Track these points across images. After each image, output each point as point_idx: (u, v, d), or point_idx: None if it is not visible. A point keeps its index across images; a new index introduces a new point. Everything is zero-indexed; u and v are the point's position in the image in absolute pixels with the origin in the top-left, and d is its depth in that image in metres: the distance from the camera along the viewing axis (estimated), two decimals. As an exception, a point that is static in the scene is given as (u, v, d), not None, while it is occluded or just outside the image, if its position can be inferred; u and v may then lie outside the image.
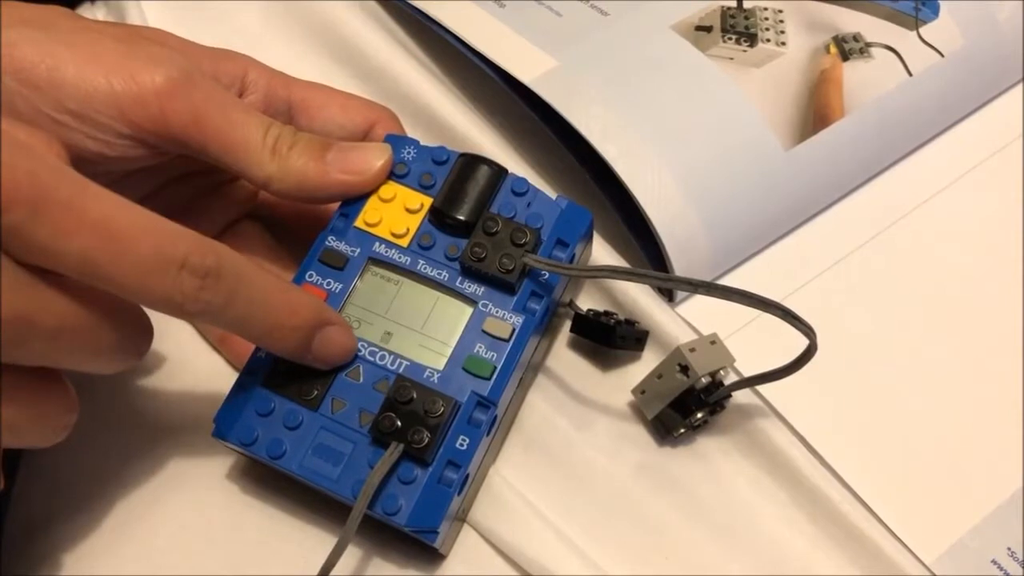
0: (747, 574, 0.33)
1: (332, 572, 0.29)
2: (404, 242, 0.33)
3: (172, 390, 0.36)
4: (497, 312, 0.32)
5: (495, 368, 0.31)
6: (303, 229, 0.36)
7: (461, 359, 0.31)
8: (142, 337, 0.27)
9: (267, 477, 0.33)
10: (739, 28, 0.40)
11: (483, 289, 0.32)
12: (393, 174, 0.34)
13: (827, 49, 0.40)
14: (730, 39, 0.39)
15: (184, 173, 0.35)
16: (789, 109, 0.39)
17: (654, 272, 0.32)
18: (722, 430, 0.35)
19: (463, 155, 0.34)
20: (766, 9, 0.40)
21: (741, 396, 0.35)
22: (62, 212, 0.23)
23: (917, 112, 0.41)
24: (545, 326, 0.34)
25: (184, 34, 0.34)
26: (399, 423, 0.30)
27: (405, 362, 0.31)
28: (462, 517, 0.33)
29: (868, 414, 0.36)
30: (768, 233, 0.39)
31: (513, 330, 0.32)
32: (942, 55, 0.41)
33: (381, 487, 0.30)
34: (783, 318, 0.29)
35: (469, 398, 0.31)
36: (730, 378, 0.34)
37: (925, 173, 0.41)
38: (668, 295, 0.37)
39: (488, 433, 0.31)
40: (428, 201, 0.33)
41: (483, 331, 0.32)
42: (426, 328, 0.32)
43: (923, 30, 0.41)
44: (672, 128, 0.37)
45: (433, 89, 0.41)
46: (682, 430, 0.34)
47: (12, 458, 0.34)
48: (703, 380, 0.33)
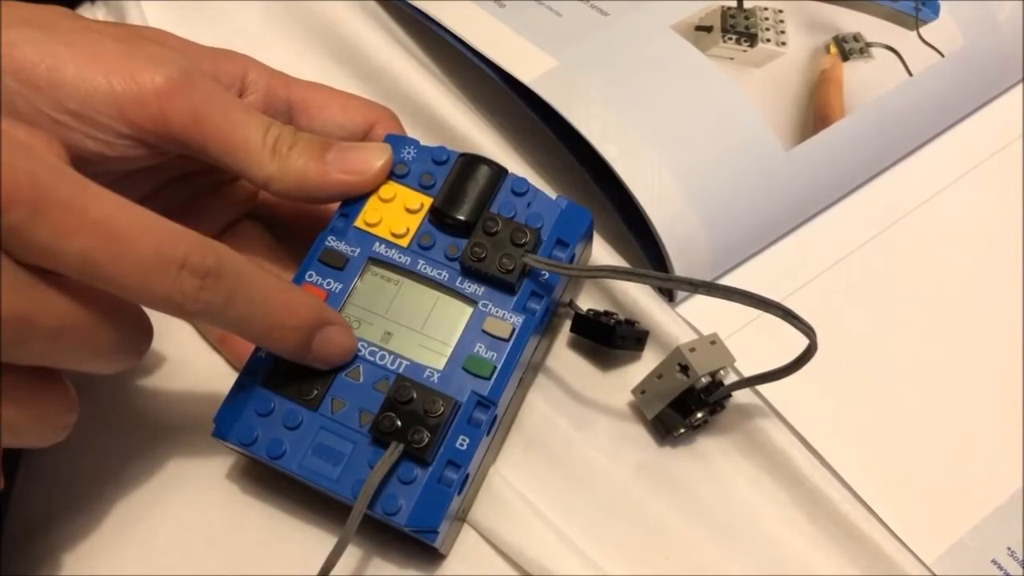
0: (747, 574, 0.33)
1: (332, 572, 0.29)
2: (404, 242, 0.33)
3: (172, 390, 0.36)
4: (497, 312, 0.32)
5: (495, 368, 0.31)
6: (303, 229, 0.36)
7: (461, 359, 0.31)
8: (142, 337, 0.27)
9: (267, 477, 0.33)
10: (739, 28, 0.40)
11: (483, 289, 0.32)
12: (393, 174, 0.34)
13: (827, 49, 0.40)
14: (730, 39, 0.39)
15: (184, 173, 0.35)
16: (789, 109, 0.38)
17: (654, 272, 0.32)
18: (722, 430, 0.35)
19: (463, 155, 0.34)
20: (766, 9, 0.40)
21: (741, 396, 0.35)
22: (62, 212, 0.23)
23: (917, 112, 0.41)
24: (545, 326, 0.34)
25: (184, 34, 0.34)
26: (399, 423, 0.30)
27: (405, 362, 0.31)
28: (462, 517, 0.33)
29: (868, 414, 0.36)
30: (768, 233, 0.39)
31: (513, 330, 0.32)
32: (942, 55, 0.41)
33: (381, 487, 0.30)
34: (783, 318, 0.29)
35: (469, 398, 0.31)
36: (730, 378, 0.34)
37: (925, 173, 0.41)
38: (668, 295, 0.37)
39: (488, 433, 0.31)
40: (428, 201, 0.33)
41: (483, 331, 0.32)
42: (426, 328, 0.32)
43: (923, 30, 0.41)
44: (672, 128, 0.37)
45: (433, 89, 0.41)
46: (682, 430, 0.34)
47: (12, 458, 0.34)
48: (703, 380, 0.33)
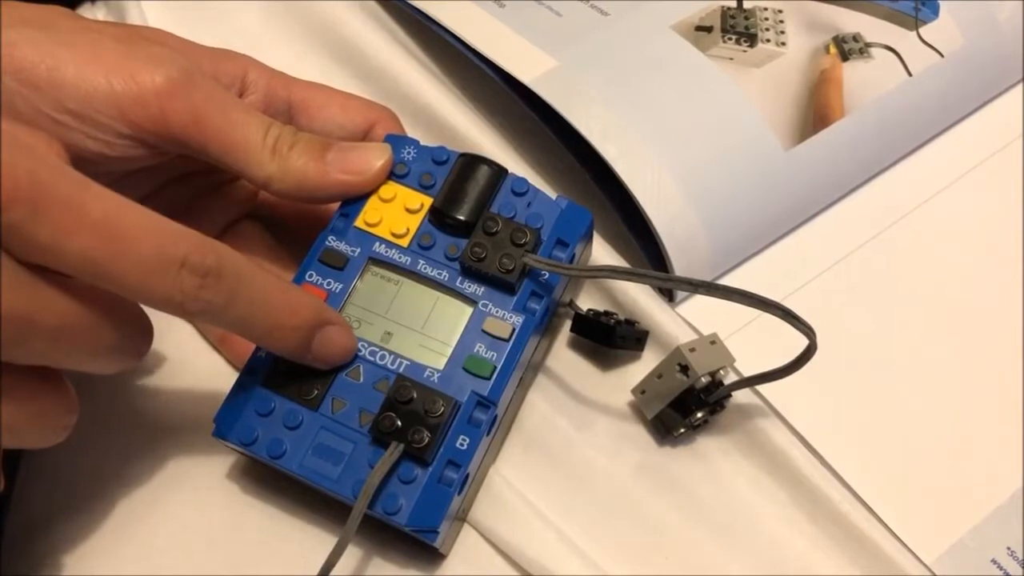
0: (747, 574, 0.33)
1: (332, 572, 0.29)
2: (404, 242, 0.33)
3: (172, 390, 0.36)
4: (497, 312, 0.32)
5: (495, 368, 0.31)
6: (303, 229, 0.36)
7: (461, 359, 0.31)
8: (142, 338, 0.27)
9: (267, 477, 0.33)
10: (739, 28, 0.40)
11: (483, 289, 0.32)
12: (393, 174, 0.34)
13: (827, 49, 0.40)
14: (730, 39, 0.39)
15: (184, 173, 0.35)
16: (789, 109, 0.39)
17: (654, 272, 0.32)
18: (722, 430, 0.35)
19: (463, 155, 0.34)
20: (766, 9, 0.40)
21: (741, 396, 0.35)
22: (62, 211, 0.23)
23: (917, 112, 0.41)
24: (545, 326, 0.34)
25: (184, 34, 0.34)
26: (399, 423, 0.30)
27: (405, 362, 0.31)
28: (462, 517, 0.33)
29: (868, 414, 0.36)
30: (768, 233, 0.39)
31: (513, 330, 0.32)
32: (942, 55, 0.41)
33: (381, 487, 0.30)
34: (783, 318, 0.29)
35: (469, 398, 0.31)
36: (730, 378, 0.34)
37: (925, 173, 0.41)
38: (668, 295, 0.37)
39: (488, 433, 0.31)
40: (428, 201, 0.33)
41: (483, 331, 0.32)
42: (426, 328, 0.32)
43: (923, 30, 0.41)
44: (672, 128, 0.37)
45: (433, 89, 0.41)
46: (682, 430, 0.34)
47: (12, 459, 0.34)
48: (703, 380, 0.33)
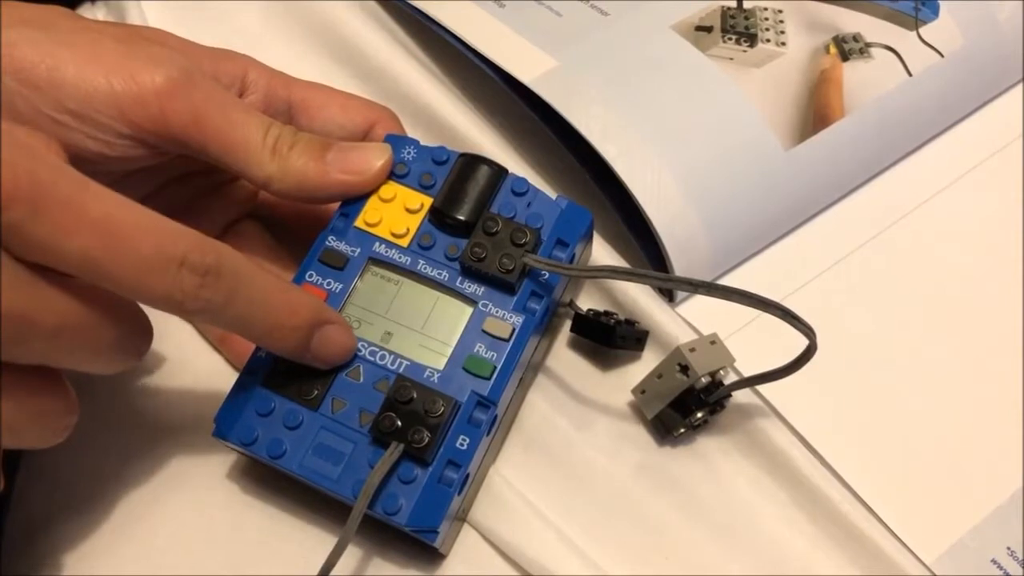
0: (747, 574, 0.33)
1: (332, 572, 0.29)
2: (404, 242, 0.33)
3: (172, 390, 0.36)
4: (497, 312, 0.32)
5: (495, 368, 0.31)
6: (303, 229, 0.36)
7: (461, 359, 0.31)
8: (142, 337, 0.27)
9: (267, 477, 0.33)
10: (739, 28, 0.40)
11: (483, 289, 0.32)
12: (393, 174, 0.34)
13: (827, 49, 0.40)
14: (730, 39, 0.39)
15: (184, 173, 0.35)
16: (789, 109, 0.38)
17: (654, 272, 0.32)
18: (722, 430, 0.35)
19: (463, 155, 0.34)
20: (766, 9, 0.40)
21: (741, 396, 0.35)
22: (62, 210, 0.23)
23: (917, 112, 0.41)
24: (545, 326, 0.34)
25: (184, 34, 0.34)
26: (399, 423, 0.30)
27: (405, 362, 0.31)
28: (462, 517, 0.33)
29: (868, 414, 0.36)
30: (768, 233, 0.39)
31: (513, 330, 0.32)
32: (942, 55, 0.41)
33: (381, 487, 0.30)
34: (783, 318, 0.29)
35: (469, 398, 0.31)
36: (730, 378, 0.34)
37: (925, 173, 0.41)
38: (668, 295, 0.37)
39: (488, 433, 0.31)
40: (428, 201, 0.33)
41: (483, 331, 0.32)
42: (426, 328, 0.32)
43: (923, 30, 0.41)
44: (672, 128, 0.37)
45: (433, 89, 0.41)
46: (682, 430, 0.34)
47: (12, 459, 0.34)
48: (703, 380, 0.33)
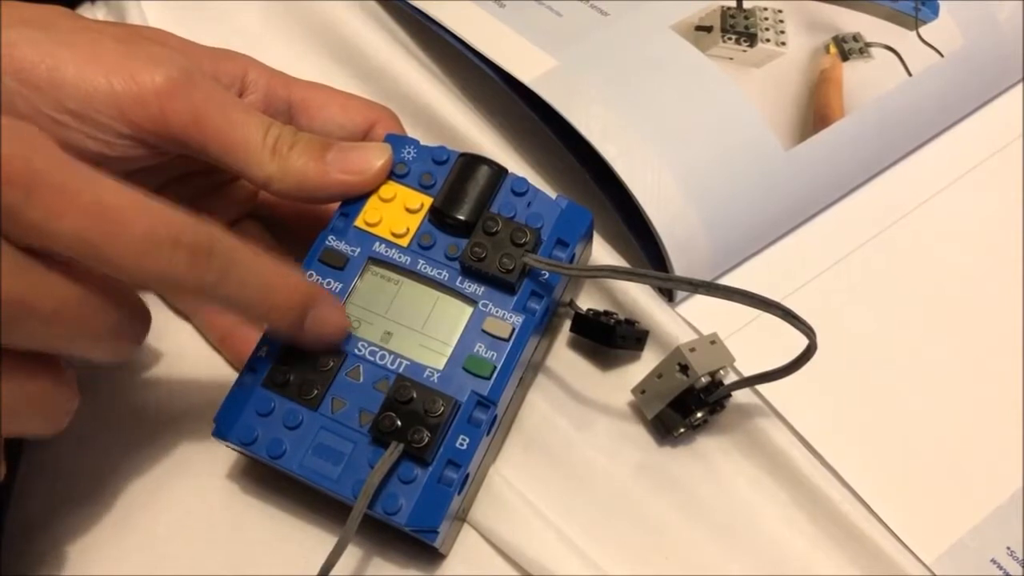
0: (747, 574, 0.33)
1: (332, 572, 0.29)
2: (404, 242, 0.33)
3: (172, 390, 0.36)
4: (497, 312, 0.32)
5: (495, 368, 0.31)
6: (303, 229, 0.36)
7: (461, 359, 0.31)
8: (140, 323, 0.27)
9: (267, 477, 0.33)
10: (739, 28, 0.40)
11: (483, 289, 0.32)
12: (393, 174, 0.34)
13: (827, 49, 0.40)
14: (730, 39, 0.39)
15: (184, 173, 0.35)
16: (789, 109, 0.38)
17: (654, 272, 0.32)
18: (722, 430, 0.35)
19: (463, 155, 0.34)
20: (766, 9, 0.40)
21: (741, 396, 0.35)
22: (55, 193, 0.23)
23: (917, 112, 0.41)
24: (545, 326, 0.34)
25: (184, 34, 0.34)
26: (399, 423, 0.30)
27: (405, 362, 0.31)
28: (462, 517, 0.33)
29: (868, 414, 0.36)
30: (768, 233, 0.39)
31: (513, 330, 0.32)
32: (942, 55, 0.41)
33: (381, 487, 0.30)
34: (783, 318, 0.29)
35: (469, 398, 0.31)
36: (730, 378, 0.34)
37: (925, 173, 0.41)
38: (668, 295, 0.37)
39: (488, 433, 0.31)
40: (428, 201, 0.33)
41: (483, 331, 0.32)
42: (426, 328, 0.32)
43: (923, 30, 0.41)
44: (672, 128, 0.37)
45: (433, 89, 0.41)
46: (682, 430, 0.34)
47: (14, 454, 0.34)
48: (703, 380, 0.33)
